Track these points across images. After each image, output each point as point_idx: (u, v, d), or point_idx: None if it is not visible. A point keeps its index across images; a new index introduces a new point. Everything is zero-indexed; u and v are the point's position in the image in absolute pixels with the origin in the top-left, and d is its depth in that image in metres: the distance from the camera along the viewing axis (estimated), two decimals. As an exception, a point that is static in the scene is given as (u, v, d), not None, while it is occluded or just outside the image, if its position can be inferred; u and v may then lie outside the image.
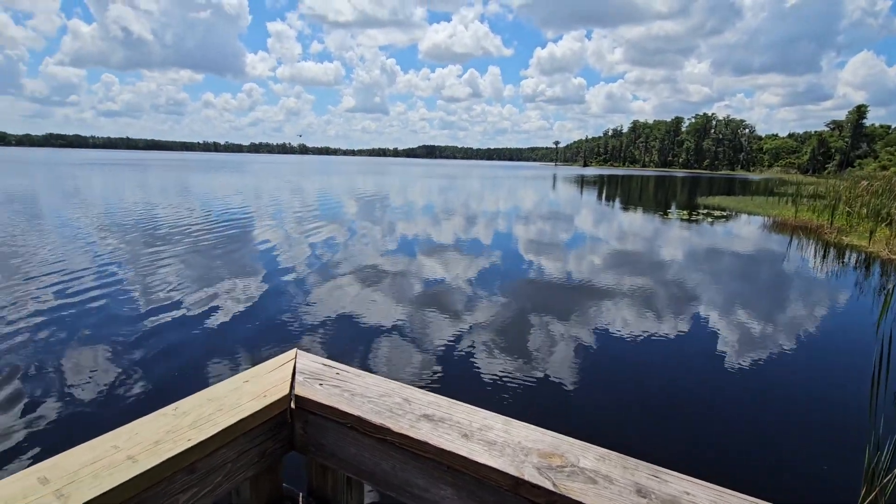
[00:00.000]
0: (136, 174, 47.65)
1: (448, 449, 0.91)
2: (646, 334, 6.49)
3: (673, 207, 27.28)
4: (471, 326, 6.55)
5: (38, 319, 6.25)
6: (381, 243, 12.68)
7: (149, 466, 0.82)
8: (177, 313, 6.69)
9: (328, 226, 15.55)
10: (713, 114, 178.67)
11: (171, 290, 7.74)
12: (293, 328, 6.28)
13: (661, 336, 6.45)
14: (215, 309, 6.91)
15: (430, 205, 24.71)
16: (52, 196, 23.92)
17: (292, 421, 1.13)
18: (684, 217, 21.77)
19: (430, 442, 0.93)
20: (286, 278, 8.78)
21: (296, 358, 1.26)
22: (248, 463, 1.05)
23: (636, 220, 20.73)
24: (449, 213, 20.87)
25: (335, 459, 1.10)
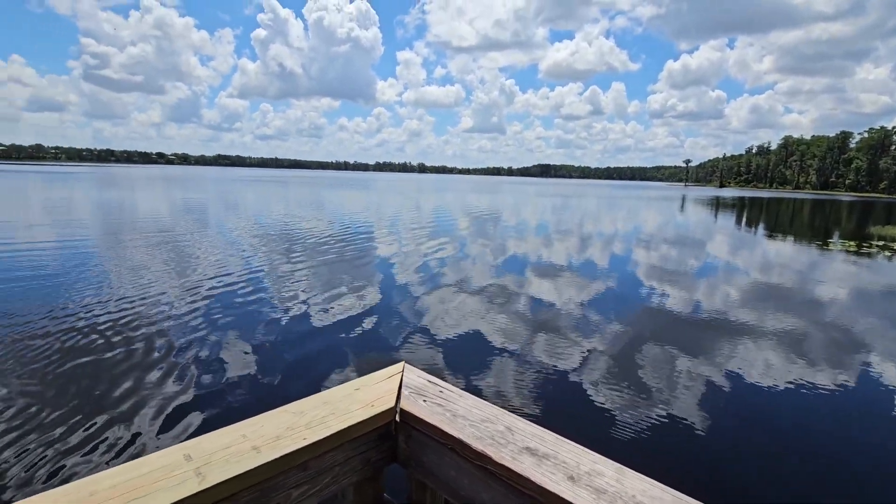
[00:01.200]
0: (281, 189, 54.46)
1: (552, 490, 0.84)
2: (794, 387, 5.44)
3: (835, 237, 23.09)
4: (581, 355, 6.13)
5: (188, 310, 7.34)
6: (492, 262, 12.65)
7: (270, 459, 0.89)
8: (303, 315, 7.33)
9: (443, 241, 16.00)
10: (895, 127, 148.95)
11: (299, 293, 8.55)
12: (402, 339, 6.47)
13: (815, 392, 5.36)
14: (336, 314, 7.43)
15: (543, 224, 24.16)
16: (217, 207, 28.37)
17: (396, 434, 1.13)
18: (851, 248, 18.26)
19: (533, 479, 0.87)
20: (401, 290, 9.16)
21: (403, 371, 1.26)
22: (353, 469, 1.07)
23: (784, 250, 17.91)
24: (562, 233, 20.18)
25: (434, 479, 1.08)
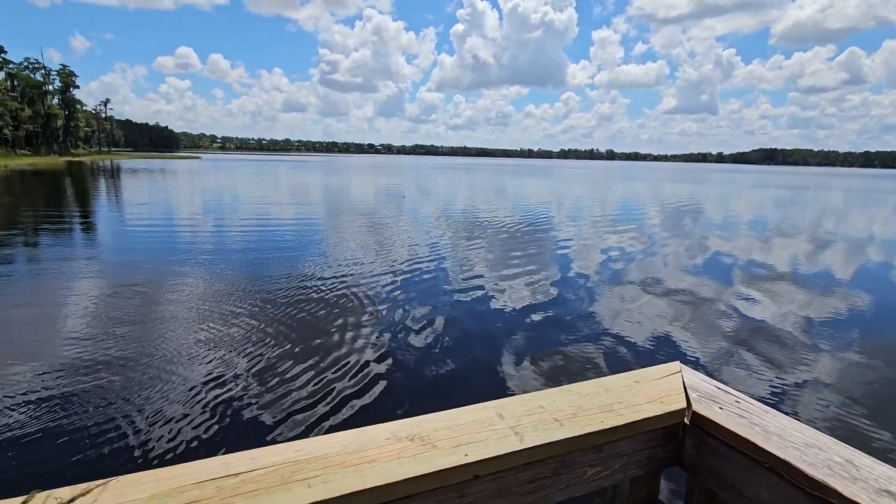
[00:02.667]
0: (473, 177, 57.53)
1: None
2: None
3: None
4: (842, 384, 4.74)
5: (412, 289, 8.14)
6: (703, 264, 10.97)
7: (573, 434, 0.93)
8: (531, 302, 7.50)
9: (634, 235, 14.62)
10: None
11: (508, 281, 8.76)
12: (629, 335, 6.03)
13: None
14: (544, 302, 7.40)
15: (760, 220, 20.02)
16: (421, 193, 31.45)
17: (683, 436, 1.10)
18: None
19: None
20: (623, 285, 8.64)
21: (682, 372, 1.21)
22: (639, 462, 1.08)
23: None
24: (788, 234, 16.37)
25: (734, 495, 1.02)
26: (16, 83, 70.26)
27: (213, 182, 37.68)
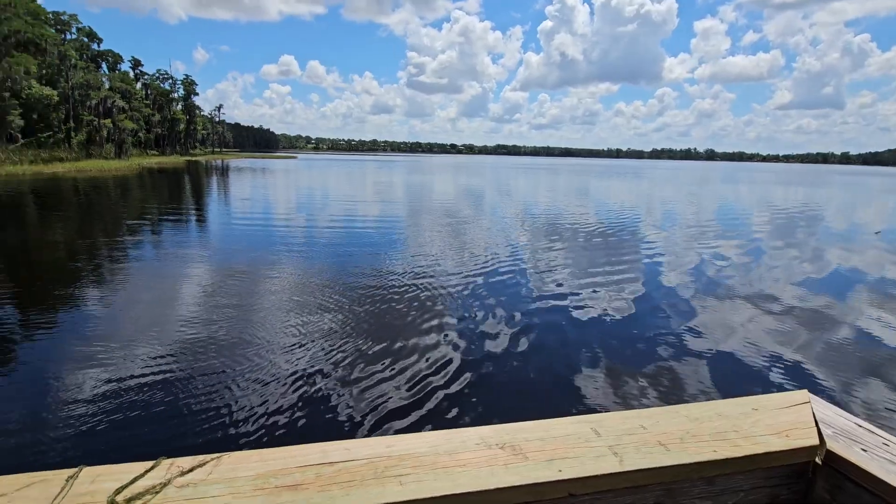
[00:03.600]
0: (553, 178, 55.87)
1: None
2: None
3: None
4: None
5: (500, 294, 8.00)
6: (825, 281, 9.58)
7: (682, 462, 0.85)
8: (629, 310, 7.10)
9: (743, 244, 13.18)
10: None
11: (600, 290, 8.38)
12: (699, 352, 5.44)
13: None
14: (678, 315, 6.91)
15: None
16: (510, 194, 31.20)
17: (814, 477, 0.98)
18: None
19: None
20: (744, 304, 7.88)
21: (811, 402, 1.07)
22: (756, 501, 0.97)
23: None
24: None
25: None
26: (149, 92, 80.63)
27: (306, 180, 40.35)
